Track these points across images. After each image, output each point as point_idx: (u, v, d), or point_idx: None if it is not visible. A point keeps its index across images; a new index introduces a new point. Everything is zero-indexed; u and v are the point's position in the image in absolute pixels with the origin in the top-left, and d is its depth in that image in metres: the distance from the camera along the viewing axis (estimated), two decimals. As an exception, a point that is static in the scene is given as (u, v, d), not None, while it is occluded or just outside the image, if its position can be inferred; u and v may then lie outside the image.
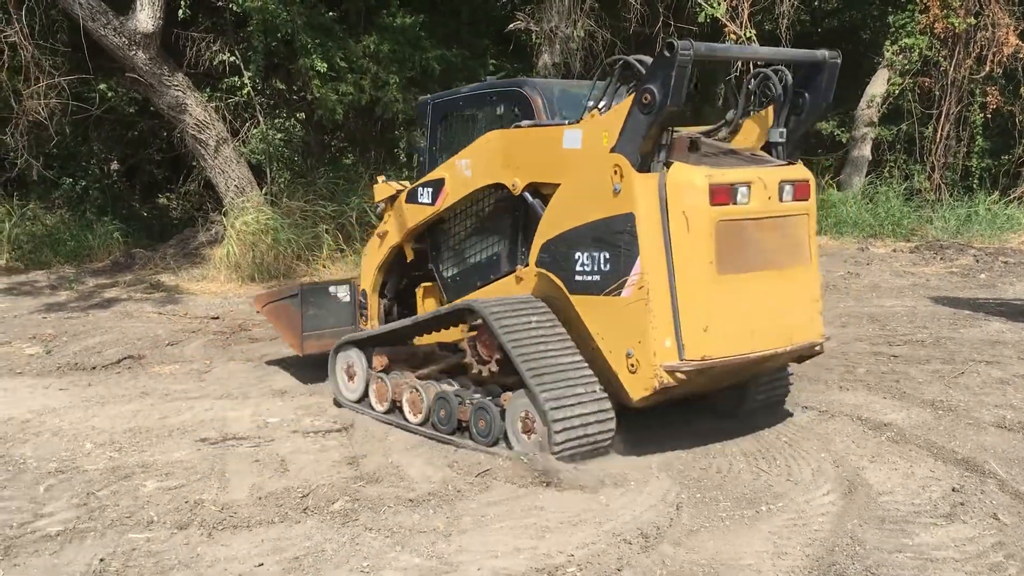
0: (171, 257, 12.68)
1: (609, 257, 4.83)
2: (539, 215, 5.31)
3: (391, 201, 6.56)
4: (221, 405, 6.33)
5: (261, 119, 13.30)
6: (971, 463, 4.98)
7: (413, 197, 6.31)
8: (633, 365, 4.76)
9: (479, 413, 5.27)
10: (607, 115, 4.90)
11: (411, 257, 6.58)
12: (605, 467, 4.89)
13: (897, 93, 15.95)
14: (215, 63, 12.81)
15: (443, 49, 13.44)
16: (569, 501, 4.47)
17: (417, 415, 5.68)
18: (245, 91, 12.79)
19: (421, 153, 6.72)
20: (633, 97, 4.71)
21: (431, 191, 6.13)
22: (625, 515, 4.31)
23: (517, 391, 5.04)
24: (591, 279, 4.94)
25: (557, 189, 5.20)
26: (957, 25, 14.91)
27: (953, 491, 4.59)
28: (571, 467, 4.78)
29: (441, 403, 5.51)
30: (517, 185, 5.45)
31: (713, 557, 3.89)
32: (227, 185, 12.65)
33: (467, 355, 5.35)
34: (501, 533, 4.12)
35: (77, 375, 7.28)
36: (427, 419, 5.61)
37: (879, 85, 16.20)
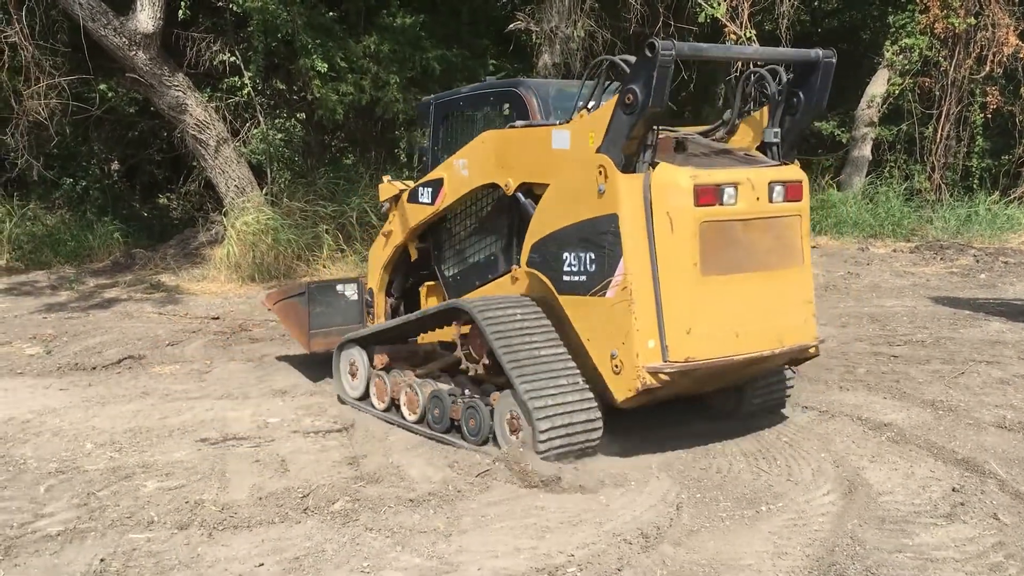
0: (171, 257, 12.68)
1: (595, 258, 4.82)
2: (531, 215, 5.32)
3: (395, 201, 6.60)
4: (221, 405, 6.34)
5: (261, 119, 13.29)
6: (971, 463, 4.98)
7: (414, 197, 6.34)
8: (617, 366, 4.75)
9: (469, 412, 5.29)
10: (593, 115, 4.89)
11: (415, 256, 6.61)
12: (605, 467, 4.89)
13: (897, 93, 15.95)
14: (215, 63, 12.80)
15: (443, 49, 13.44)
16: (569, 501, 4.48)
17: (413, 413, 5.72)
18: (245, 91, 12.79)
19: (424, 153, 6.76)
20: (617, 97, 4.70)
21: (431, 191, 6.17)
22: (625, 515, 4.32)
23: (505, 391, 5.06)
24: (578, 279, 4.94)
25: (546, 189, 5.21)
26: (957, 25, 14.91)
27: (953, 491, 4.59)
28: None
29: (435, 402, 5.54)
30: (510, 185, 5.47)
31: (713, 557, 3.89)
32: (227, 185, 12.65)
33: (459, 354, 5.38)
34: (501, 533, 4.12)
35: (77, 375, 7.28)
36: (423, 418, 5.64)
37: (879, 85, 16.20)
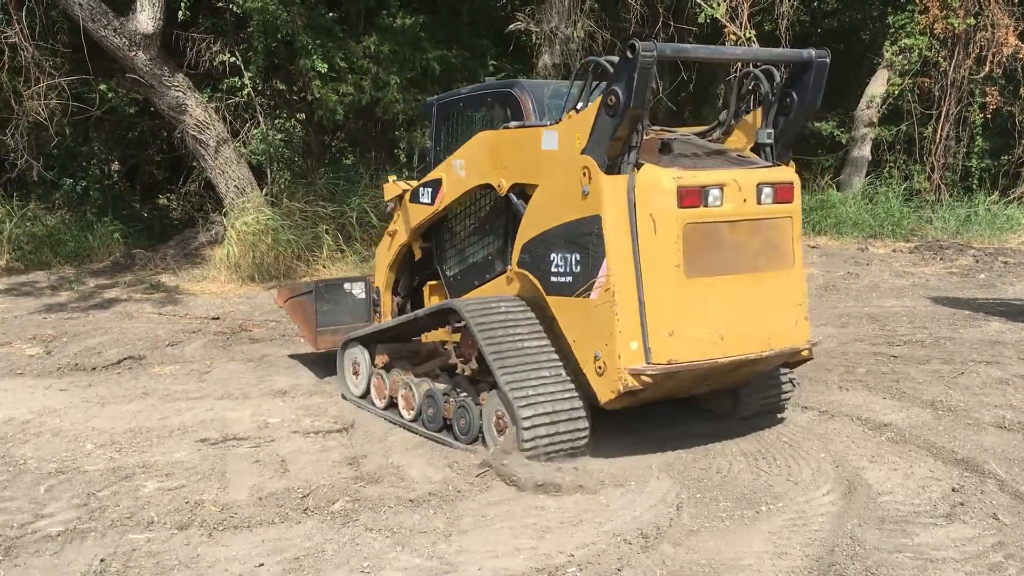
0: (171, 258, 12.68)
1: (580, 259, 4.83)
2: (523, 216, 5.34)
3: (399, 200, 6.64)
4: (221, 405, 6.34)
5: (261, 120, 13.30)
6: (971, 463, 4.98)
7: (416, 197, 6.39)
8: (600, 367, 4.74)
9: (460, 412, 5.32)
10: (578, 117, 4.89)
11: (419, 256, 6.64)
12: (605, 467, 4.89)
13: (897, 93, 15.96)
14: (215, 64, 12.81)
15: (443, 50, 13.44)
16: (569, 501, 4.48)
17: (410, 412, 5.77)
18: (245, 92, 12.79)
19: (427, 153, 6.79)
20: (601, 99, 4.70)
21: (431, 191, 6.20)
22: (625, 515, 4.32)
23: (494, 390, 5.08)
24: (564, 280, 4.94)
25: (535, 190, 5.22)
26: (957, 25, 14.92)
27: (953, 491, 4.60)
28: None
29: (429, 401, 5.58)
30: (503, 185, 5.48)
31: (713, 557, 3.89)
32: (227, 186, 12.65)
33: (452, 354, 5.40)
34: (501, 533, 4.13)
35: (77, 375, 7.29)
36: (418, 416, 5.68)
37: (879, 85, 16.21)
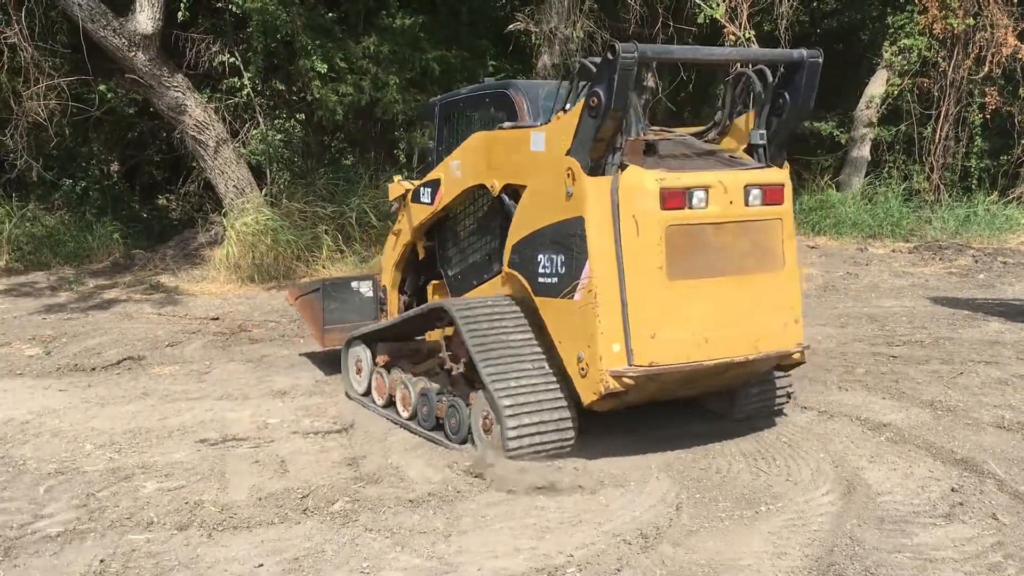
0: (171, 258, 12.69)
1: (564, 260, 4.83)
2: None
3: (403, 200, 6.67)
4: (221, 406, 6.34)
5: (261, 120, 13.30)
6: (970, 463, 4.98)
7: (417, 197, 6.44)
8: (583, 368, 4.74)
9: (451, 411, 5.35)
10: (565, 118, 4.89)
11: (422, 255, 6.67)
12: (605, 468, 4.89)
13: (896, 94, 15.96)
14: (215, 64, 12.81)
15: (443, 50, 13.45)
16: (569, 501, 4.48)
17: (407, 410, 5.81)
18: (245, 92, 12.79)
19: (428, 153, 6.82)
20: (584, 100, 4.70)
21: (430, 191, 6.25)
22: (625, 515, 4.32)
23: (481, 390, 5.09)
24: (550, 281, 4.95)
25: (524, 191, 5.23)
26: (956, 26, 14.92)
27: (952, 491, 4.60)
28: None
29: (423, 399, 5.62)
30: (495, 186, 5.50)
31: (712, 557, 3.89)
32: (227, 186, 12.66)
33: (445, 354, 5.43)
34: (501, 533, 4.13)
35: (77, 376, 7.29)
36: (414, 415, 5.72)
37: (878, 86, 16.21)
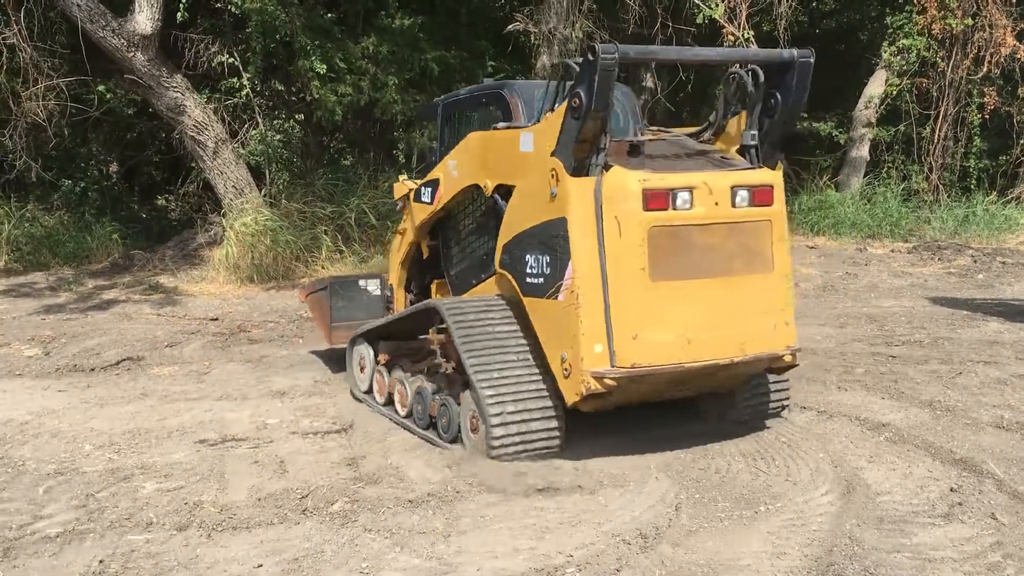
0: (170, 259, 12.69)
1: (549, 261, 4.83)
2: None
3: (407, 199, 6.70)
4: (220, 406, 6.34)
5: (260, 120, 13.30)
6: (969, 463, 4.98)
7: (418, 196, 6.47)
8: (566, 369, 4.74)
9: (442, 410, 5.37)
10: (550, 118, 4.89)
11: (426, 254, 6.70)
12: (604, 468, 4.90)
13: (895, 94, 15.98)
14: (214, 64, 12.81)
15: (442, 51, 13.46)
16: (568, 502, 4.48)
17: (404, 409, 5.85)
18: (244, 92, 12.79)
19: (429, 153, 6.86)
20: (567, 101, 4.70)
21: (430, 191, 6.29)
22: (624, 516, 4.32)
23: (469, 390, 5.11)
24: (537, 282, 4.96)
25: (514, 191, 5.24)
26: (955, 26, 14.94)
27: (951, 491, 4.60)
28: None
29: (418, 398, 5.66)
30: (488, 186, 5.51)
31: (712, 557, 3.89)
32: (226, 186, 12.66)
33: (437, 353, 5.44)
34: (500, 534, 4.13)
35: (76, 377, 7.29)
36: (410, 413, 5.75)
37: (877, 86, 16.23)
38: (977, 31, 15.11)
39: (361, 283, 7.34)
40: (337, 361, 7.51)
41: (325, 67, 12.16)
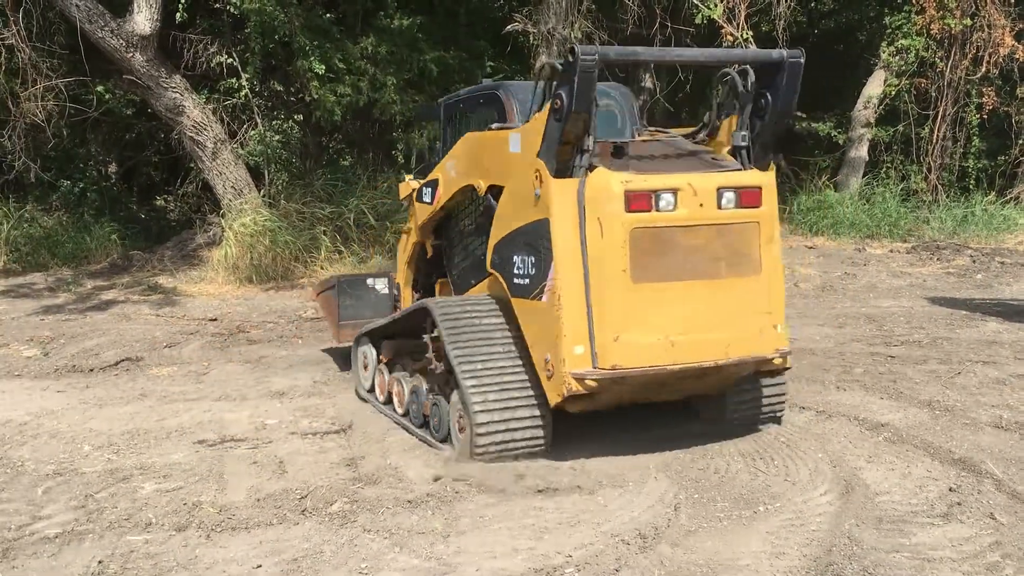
0: (169, 259, 12.69)
1: (534, 262, 4.83)
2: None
3: (411, 199, 6.72)
4: (219, 407, 6.34)
5: (259, 121, 13.30)
6: (968, 463, 4.98)
7: (420, 196, 6.50)
8: (549, 370, 4.74)
9: (434, 409, 5.39)
10: (536, 119, 4.88)
11: (431, 253, 6.72)
12: (603, 468, 4.90)
13: (894, 94, 15.98)
14: (213, 65, 12.80)
15: (441, 51, 13.46)
16: (567, 502, 4.48)
17: (401, 407, 5.88)
18: (243, 93, 12.79)
19: (436, 153, 6.89)
20: (549, 103, 4.69)
21: (430, 191, 6.33)
22: (623, 516, 4.32)
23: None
24: (523, 283, 4.96)
25: (503, 192, 5.25)
26: (953, 26, 14.95)
27: (950, 491, 4.60)
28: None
29: (413, 397, 5.69)
30: (480, 187, 5.52)
31: (711, 557, 3.89)
32: (225, 187, 12.65)
33: (431, 352, 5.45)
34: (499, 534, 4.13)
35: (75, 377, 7.28)
36: (407, 412, 5.78)
37: (876, 86, 16.24)
38: (976, 31, 15.11)
39: (369, 282, 7.39)
40: (328, 363, 7.57)
41: (324, 67, 12.17)
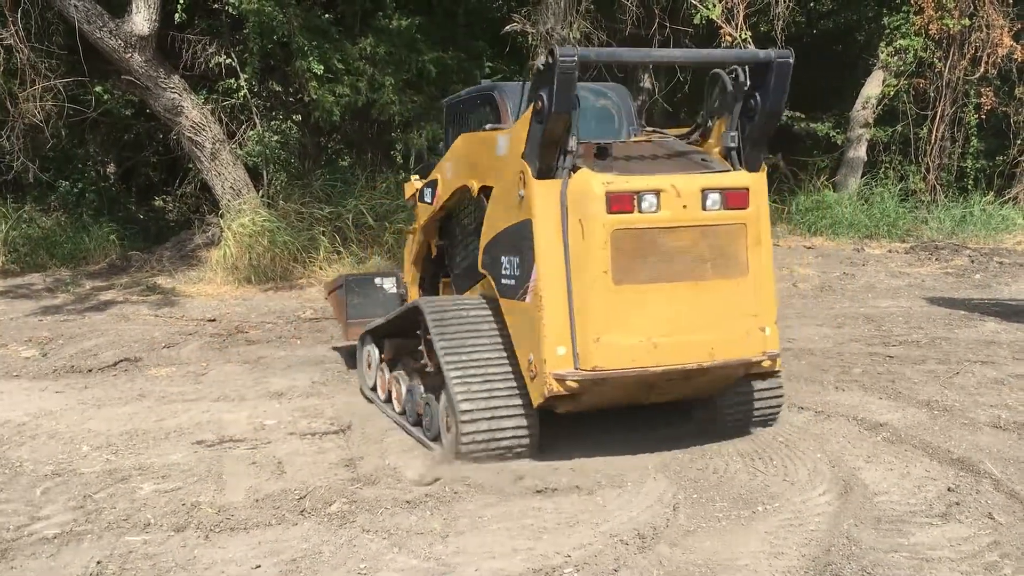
0: (167, 259, 12.69)
1: (519, 262, 4.84)
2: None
3: (415, 199, 6.78)
4: (218, 407, 6.34)
5: (257, 121, 13.29)
6: (966, 463, 4.99)
7: (422, 196, 6.54)
8: (532, 371, 4.74)
9: (426, 408, 5.41)
10: (521, 120, 4.88)
11: (435, 253, 6.75)
12: (602, 468, 4.90)
13: (892, 94, 16.00)
14: (211, 65, 12.81)
15: (439, 51, 13.46)
16: (566, 502, 4.48)
17: (399, 406, 5.91)
18: (241, 93, 12.79)
19: (429, 154, 6.91)
20: (531, 104, 4.69)
21: (431, 191, 6.37)
22: (622, 516, 4.32)
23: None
24: (510, 283, 4.97)
25: (491, 193, 5.26)
26: (952, 26, 14.96)
27: (948, 491, 4.60)
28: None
29: (408, 396, 5.71)
30: (473, 187, 5.53)
31: (710, 557, 3.89)
32: (223, 187, 12.65)
33: (424, 351, 5.47)
34: (498, 534, 4.13)
35: (73, 378, 7.28)
36: (404, 410, 5.80)
37: (874, 86, 16.25)
38: (974, 31, 15.13)
39: (377, 281, 7.47)
40: (327, 363, 7.62)
41: (323, 68, 12.17)
